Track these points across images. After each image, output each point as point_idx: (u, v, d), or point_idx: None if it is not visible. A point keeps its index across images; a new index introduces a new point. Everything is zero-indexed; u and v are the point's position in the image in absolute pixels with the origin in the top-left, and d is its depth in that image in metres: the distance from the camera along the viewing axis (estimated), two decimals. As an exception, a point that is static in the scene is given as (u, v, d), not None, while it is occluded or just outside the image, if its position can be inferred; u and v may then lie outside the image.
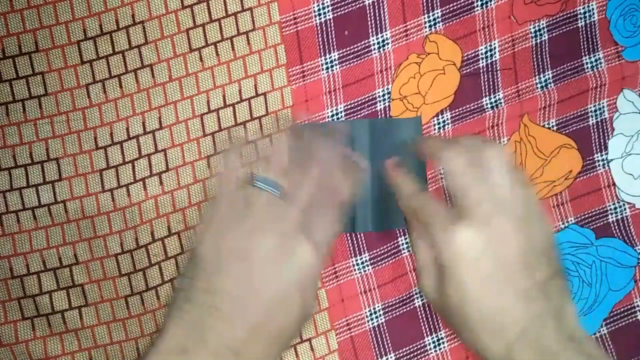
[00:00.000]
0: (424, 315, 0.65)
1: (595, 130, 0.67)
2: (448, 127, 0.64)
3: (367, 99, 0.62)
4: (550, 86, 0.65)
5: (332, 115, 0.62)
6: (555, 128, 0.66)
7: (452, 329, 0.56)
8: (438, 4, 0.62)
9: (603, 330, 0.67)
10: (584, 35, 0.65)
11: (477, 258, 0.51)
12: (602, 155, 0.67)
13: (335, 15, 0.60)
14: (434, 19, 0.62)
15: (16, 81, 0.58)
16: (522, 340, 0.51)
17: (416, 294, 0.64)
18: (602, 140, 0.67)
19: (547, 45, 0.64)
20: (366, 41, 0.61)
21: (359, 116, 0.62)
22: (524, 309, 0.51)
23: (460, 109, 0.64)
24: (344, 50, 0.61)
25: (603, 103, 0.67)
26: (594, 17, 0.65)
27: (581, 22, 0.65)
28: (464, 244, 0.51)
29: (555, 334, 0.51)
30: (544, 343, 0.50)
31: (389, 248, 0.64)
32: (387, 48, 0.62)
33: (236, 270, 0.50)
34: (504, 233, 0.51)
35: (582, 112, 0.66)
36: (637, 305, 0.68)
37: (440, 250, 0.52)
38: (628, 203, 0.68)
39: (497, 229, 0.51)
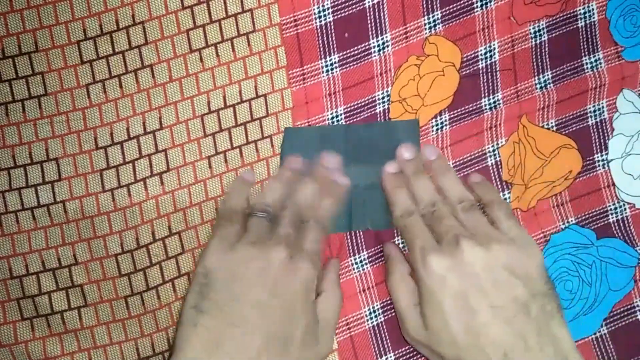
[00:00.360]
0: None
1: (595, 130, 0.67)
2: (446, 129, 0.64)
3: (366, 102, 0.63)
4: (550, 87, 0.65)
5: (332, 118, 0.62)
6: (554, 128, 0.66)
7: None
8: (438, 5, 0.62)
9: (603, 330, 0.67)
10: (584, 36, 0.65)
11: (449, 279, 0.55)
12: (602, 156, 0.67)
13: (335, 17, 0.60)
14: (434, 21, 0.62)
15: (16, 81, 0.58)
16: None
17: (416, 294, 0.65)
18: (602, 141, 0.67)
19: (546, 45, 0.65)
20: (366, 43, 0.61)
21: (358, 119, 0.62)
22: (502, 327, 0.53)
23: (459, 110, 0.64)
24: (344, 52, 0.61)
25: (603, 103, 0.67)
26: (594, 17, 0.65)
27: (581, 22, 0.65)
28: (436, 269, 0.55)
29: (542, 354, 0.52)
30: None
31: (387, 247, 0.64)
32: (387, 50, 0.62)
33: (251, 282, 0.54)
34: (468, 255, 0.55)
35: (582, 113, 0.67)
36: (637, 305, 0.68)
37: (418, 277, 0.57)
38: (628, 203, 0.68)
39: (461, 252, 0.55)
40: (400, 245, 0.64)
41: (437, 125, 0.64)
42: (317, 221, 0.59)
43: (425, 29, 0.62)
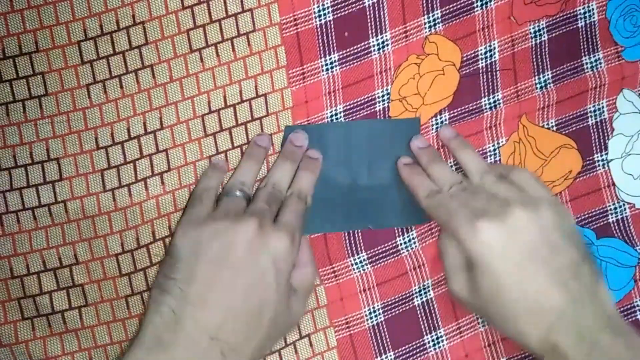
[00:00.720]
0: (423, 313, 0.65)
1: (595, 130, 0.67)
2: (446, 128, 0.64)
3: (366, 100, 0.63)
4: (550, 86, 0.65)
5: (332, 116, 0.62)
6: (554, 128, 0.66)
7: (491, 323, 0.59)
8: (438, 4, 0.62)
9: (603, 329, 0.67)
10: (584, 36, 0.65)
11: (504, 247, 0.55)
12: (601, 156, 0.67)
13: (335, 16, 0.60)
14: (434, 20, 0.62)
15: (16, 81, 0.58)
16: (561, 322, 0.54)
17: (415, 292, 0.65)
18: (601, 141, 0.67)
19: (546, 45, 0.65)
20: (366, 42, 0.61)
21: (358, 117, 0.63)
22: (559, 290, 0.54)
23: (459, 109, 0.64)
24: (344, 51, 0.61)
25: (602, 103, 0.67)
26: (593, 18, 0.65)
27: (581, 22, 0.65)
28: (489, 237, 0.55)
29: (593, 314, 0.54)
30: (583, 324, 0.53)
31: (387, 247, 0.64)
32: (387, 49, 0.62)
33: (213, 259, 0.54)
34: (521, 221, 0.55)
35: (582, 113, 0.67)
36: (637, 305, 0.68)
37: (467, 248, 0.56)
38: (628, 203, 0.68)
39: (514, 218, 0.55)
40: (404, 246, 0.64)
41: (437, 124, 0.64)
42: (296, 195, 0.60)
43: (425, 28, 0.62)
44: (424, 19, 0.62)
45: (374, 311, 0.64)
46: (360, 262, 0.64)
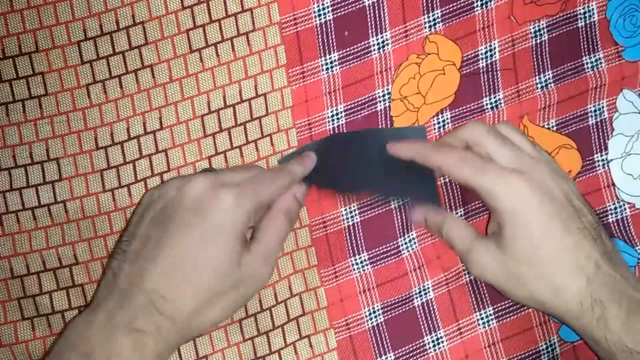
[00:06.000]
0: (423, 314, 0.65)
1: (595, 130, 0.67)
2: (448, 127, 0.64)
3: (367, 100, 0.63)
4: (550, 86, 0.65)
5: (333, 116, 0.62)
6: (554, 128, 0.66)
7: (519, 289, 0.58)
8: (438, 4, 0.62)
9: (603, 330, 0.67)
10: (584, 36, 0.65)
11: (539, 201, 0.56)
12: (601, 156, 0.67)
13: (335, 15, 0.60)
14: (434, 20, 0.62)
15: (16, 81, 0.58)
16: (599, 274, 0.55)
17: (415, 293, 0.65)
18: (601, 141, 0.67)
19: (547, 45, 0.65)
20: (366, 42, 0.61)
21: (359, 116, 0.62)
22: (593, 245, 0.55)
23: (460, 109, 0.64)
24: (344, 50, 0.61)
25: (603, 103, 0.67)
26: (593, 18, 0.65)
27: (581, 22, 0.65)
28: (523, 189, 0.55)
29: (623, 269, 0.56)
30: (617, 278, 0.55)
31: (389, 248, 0.64)
32: (387, 49, 0.62)
33: (155, 218, 0.55)
34: (547, 180, 0.57)
35: (582, 113, 0.67)
36: (637, 305, 0.68)
37: (500, 203, 0.56)
38: (628, 203, 0.68)
39: (540, 176, 0.57)
40: (405, 246, 0.64)
41: (438, 123, 0.64)
42: (265, 171, 0.59)
43: (425, 27, 0.62)
44: (424, 19, 0.62)
45: (374, 312, 0.64)
46: (361, 262, 0.64)
